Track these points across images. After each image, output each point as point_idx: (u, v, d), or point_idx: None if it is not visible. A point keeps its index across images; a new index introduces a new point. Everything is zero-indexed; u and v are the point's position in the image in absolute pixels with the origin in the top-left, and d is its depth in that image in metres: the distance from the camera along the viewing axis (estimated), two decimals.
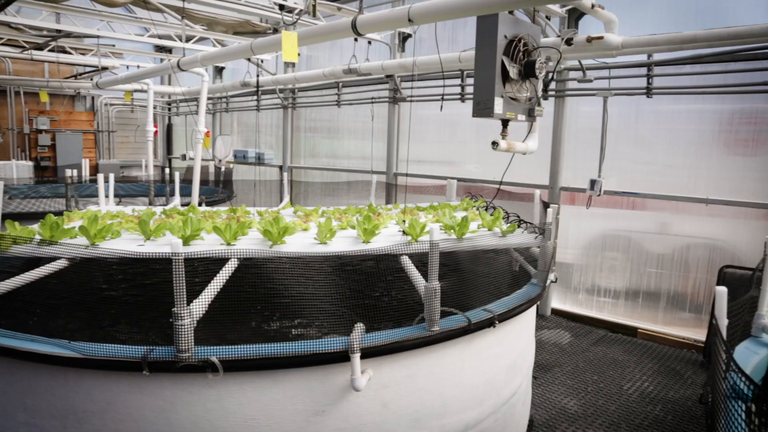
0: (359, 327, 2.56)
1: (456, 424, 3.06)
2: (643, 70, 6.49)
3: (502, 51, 4.16)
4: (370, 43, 8.05)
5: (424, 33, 8.66)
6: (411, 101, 8.87)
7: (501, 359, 3.29)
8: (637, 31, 5.77)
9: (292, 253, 3.08)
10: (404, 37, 8.89)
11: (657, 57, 6.39)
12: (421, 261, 2.85)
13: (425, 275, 2.72)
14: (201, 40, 9.67)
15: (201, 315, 2.51)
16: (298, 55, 10.45)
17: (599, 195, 6.54)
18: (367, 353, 2.54)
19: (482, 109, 4.26)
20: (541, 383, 5.29)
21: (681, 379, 5.47)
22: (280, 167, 11.56)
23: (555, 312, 7.40)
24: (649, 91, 6.47)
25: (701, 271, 6.36)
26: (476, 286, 3.36)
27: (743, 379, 1.39)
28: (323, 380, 2.60)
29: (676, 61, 6.31)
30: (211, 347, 2.46)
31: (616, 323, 6.90)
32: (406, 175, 8.78)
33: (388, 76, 8.84)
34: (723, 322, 2.00)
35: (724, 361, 1.53)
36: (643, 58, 6.45)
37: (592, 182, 6.56)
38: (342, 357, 2.50)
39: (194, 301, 2.52)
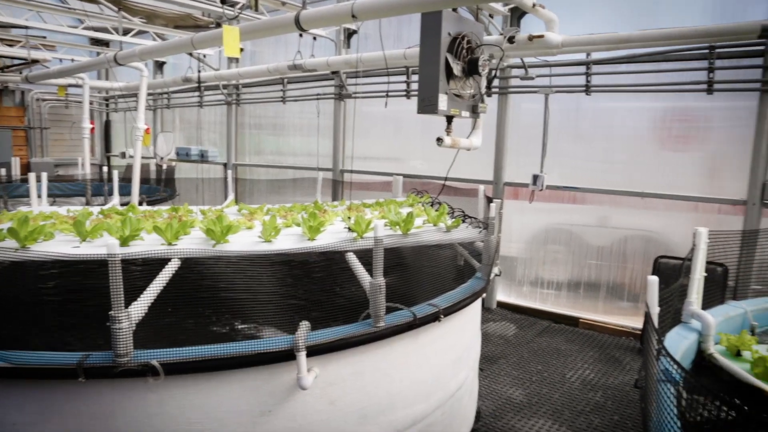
0: (304, 325, 2.53)
1: (404, 419, 3.07)
2: (582, 69, 6.69)
3: (446, 48, 4.20)
4: (315, 38, 7.98)
5: (370, 29, 8.65)
6: (356, 98, 8.86)
7: (447, 353, 3.33)
8: (577, 30, 5.94)
9: (235, 251, 3.02)
10: (350, 34, 8.87)
11: (595, 56, 6.60)
12: (368, 258, 2.85)
13: (371, 272, 2.72)
14: (140, 33, 9.35)
15: (140, 317, 2.43)
16: (242, 50, 10.28)
17: (542, 190, 6.71)
18: (313, 351, 2.52)
19: (427, 105, 4.28)
20: (488, 375, 5.39)
21: (620, 365, 5.68)
22: (225, 165, 11.33)
23: (501, 305, 7.56)
24: (588, 89, 6.68)
25: (638, 261, 6.63)
26: (422, 281, 3.39)
27: (673, 363, 1.45)
28: (269, 380, 2.56)
29: (613, 60, 6.54)
30: (152, 350, 2.38)
31: (559, 314, 7.10)
32: (351, 171, 8.79)
33: (333, 73, 8.79)
34: (654, 310, 2.09)
35: (656, 347, 1.59)
36: (582, 56, 6.65)
37: (535, 177, 6.72)
38: (288, 356, 2.47)
39: (133, 303, 2.44)
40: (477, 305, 3.72)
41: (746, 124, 5.97)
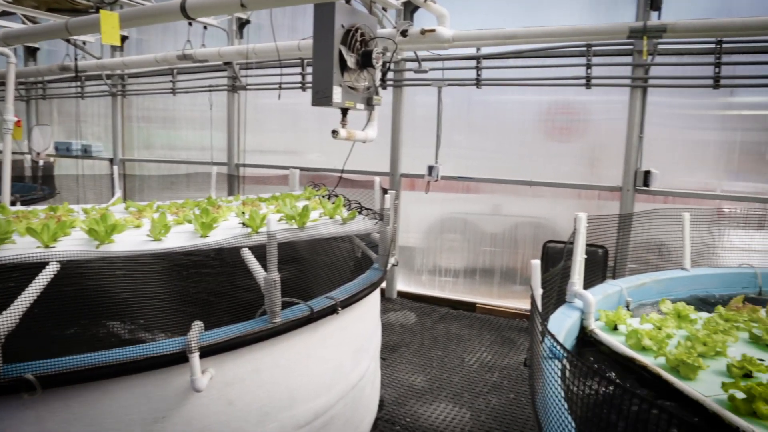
0: (197, 325, 2.44)
1: (305, 414, 3.05)
2: (473, 63, 6.94)
3: (340, 41, 4.18)
4: (205, 28, 7.68)
5: (264, 19, 8.44)
6: (248, 90, 8.64)
7: (347, 344, 3.34)
8: (469, 26, 6.14)
9: (119, 252, 2.85)
10: (242, 23, 8.61)
11: (485, 51, 6.86)
12: (264, 253, 2.78)
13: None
14: (6, 15, 8.52)
15: (11, 328, 2.22)
16: (126, 38, 9.69)
17: (437, 180, 6.91)
18: (208, 351, 2.43)
19: (321, 98, 4.25)
20: (390, 363, 5.47)
21: (515, 346, 5.98)
22: (111, 160, 10.65)
23: (401, 294, 7.70)
24: (478, 83, 6.93)
25: (528, 247, 7.00)
26: (319, 274, 3.37)
27: (556, 343, 1.53)
28: (161, 385, 2.44)
29: (501, 55, 6.83)
30: (26, 363, 2.19)
31: (457, 300, 7.35)
32: (246, 165, 8.57)
33: (226, 64, 8.51)
34: (537, 293, 2.21)
35: (539, 328, 1.68)
36: (473, 51, 6.88)
37: (430, 168, 6.90)
38: (181, 358, 2.37)
39: (2, 313, 2.23)
40: (375, 295, 3.75)
41: (620, 116, 6.45)
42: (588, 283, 3.49)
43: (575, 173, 6.75)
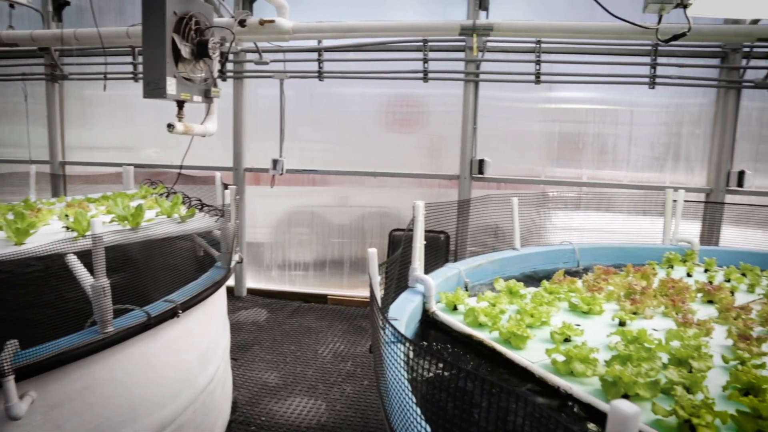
0: (11, 345, 2.17)
1: (150, 426, 2.86)
2: (315, 55, 6.92)
3: (173, 28, 3.95)
4: (13, 6, 6.79)
5: (86, 1, 7.70)
6: (70, 79, 7.85)
7: (192, 348, 3.18)
8: (309, 18, 6.11)
9: None
10: (59, 4, 7.74)
11: (326, 43, 6.88)
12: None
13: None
14: None
15: None
16: None
17: (282, 174, 6.83)
18: (28, 372, 2.17)
19: (154, 89, 3.99)
20: (242, 363, 5.33)
21: (366, 334, 6.12)
22: None
23: (251, 291, 7.52)
24: (320, 75, 6.94)
25: (376, 236, 7.19)
26: (157, 277, 3.17)
27: (392, 328, 1.57)
28: None
29: (342, 48, 6.89)
30: None
31: (309, 293, 7.35)
32: (73, 163, 7.82)
33: (42, 49, 7.64)
34: (375, 280, 2.27)
35: (379, 317, 1.72)
36: (314, 43, 6.87)
37: (275, 162, 6.80)
38: None
39: None
40: (220, 295, 3.62)
41: (456, 109, 6.85)
42: (432, 268, 3.66)
43: (417, 163, 7.06)
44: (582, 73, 6.51)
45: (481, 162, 6.75)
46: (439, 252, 6.31)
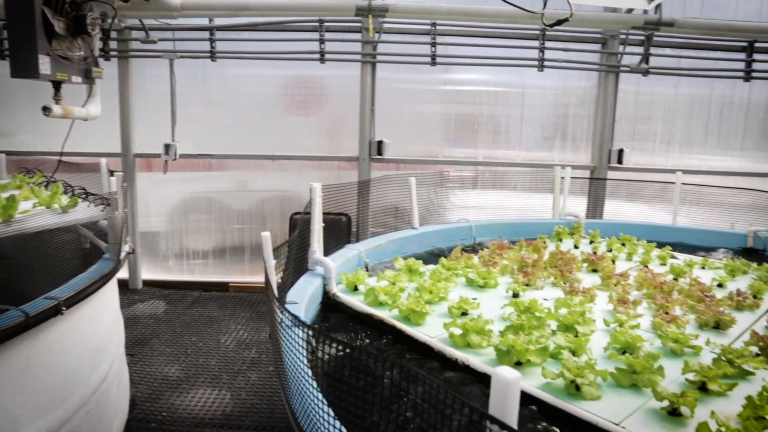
0: None
1: None
2: (206, 34, 6.63)
3: (42, 0, 3.63)
4: None
5: None
6: None
7: (80, 346, 2.99)
8: None
9: None
10: None
11: (219, 22, 6.60)
12: None
13: None
14: None
15: None
16: None
17: (175, 159, 6.51)
18: None
19: (24, 68, 3.66)
20: (140, 359, 5.09)
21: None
22: None
23: (147, 283, 7.17)
24: (213, 55, 6.67)
25: (276, 220, 7.08)
26: (36, 273, 2.93)
27: (290, 315, 1.55)
28: None
29: (236, 27, 6.65)
30: None
31: (209, 282, 7.13)
32: None
33: None
34: (270, 264, 2.24)
35: (276, 304, 1.69)
36: (205, 21, 6.57)
37: (167, 147, 6.47)
38: None
39: None
40: (111, 288, 3.42)
41: (355, 91, 6.84)
42: (334, 250, 3.66)
43: (316, 145, 7.00)
44: (476, 56, 6.71)
45: (380, 143, 6.80)
46: (341, 234, 6.33)
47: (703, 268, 3.93)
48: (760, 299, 3.08)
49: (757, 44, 6.76)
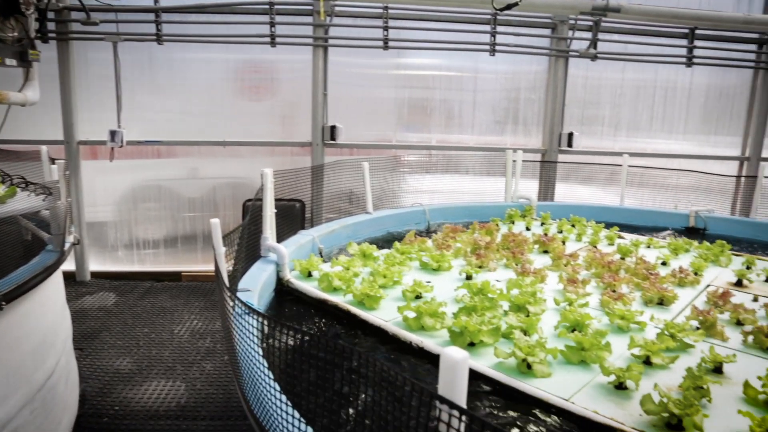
0: None
1: None
2: (152, 16, 6.40)
3: None
4: None
5: None
6: None
7: (23, 342, 2.87)
8: None
9: None
10: None
11: (164, 3, 6.38)
12: None
13: None
14: None
15: None
16: None
17: (122, 146, 6.30)
18: None
19: None
20: (89, 353, 4.94)
21: None
22: None
23: (95, 275, 6.95)
24: (159, 38, 6.45)
25: (229, 207, 6.96)
26: None
27: (239, 302, 1.52)
28: None
29: (182, 8, 6.44)
30: None
31: (161, 272, 6.96)
32: None
33: None
34: (220, 251, 2.20)
35: (227, 294, 1.66)
36: (150, 2, 6.35)
37: (113, 133, 6.24)
38: None
39: None
40: (56, 281, 3.29)
41: (307, 75, 6.75)
42: (288, 236, 3.63)
43: (269, 131, 6.89)
44: (429, 40, 6.72)
45: (333, 128, 6.75)
46: (295, 220, 6.27)
47: (649, 247, 4.07)
48: (700, 276, 3.22)
49: (698, 31, 7.00)
